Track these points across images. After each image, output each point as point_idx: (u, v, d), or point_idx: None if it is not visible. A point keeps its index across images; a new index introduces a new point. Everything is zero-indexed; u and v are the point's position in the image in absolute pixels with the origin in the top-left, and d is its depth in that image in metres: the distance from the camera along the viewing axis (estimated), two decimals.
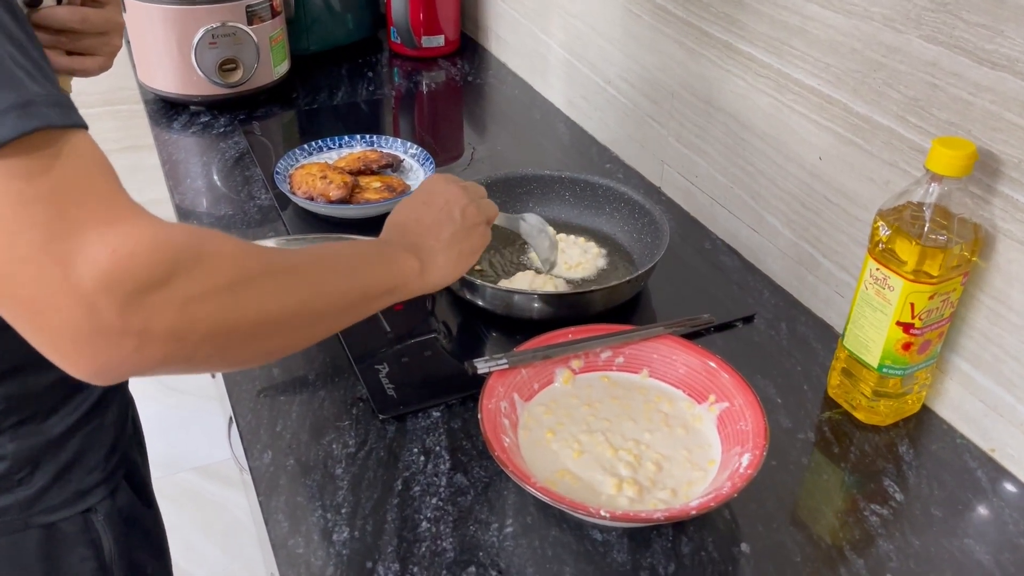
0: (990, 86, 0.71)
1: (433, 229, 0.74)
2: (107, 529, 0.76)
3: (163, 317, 0.47)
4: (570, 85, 1.40)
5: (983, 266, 0.75)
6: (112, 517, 0.77)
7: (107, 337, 0.46)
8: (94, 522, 0.75)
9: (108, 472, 0.77)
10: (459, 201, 0.76)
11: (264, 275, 0.54)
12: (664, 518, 0.64)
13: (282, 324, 0.56)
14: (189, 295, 0.48)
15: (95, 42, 0.76)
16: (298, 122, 1.40)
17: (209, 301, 0.50)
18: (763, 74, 0.96)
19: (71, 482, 0.73)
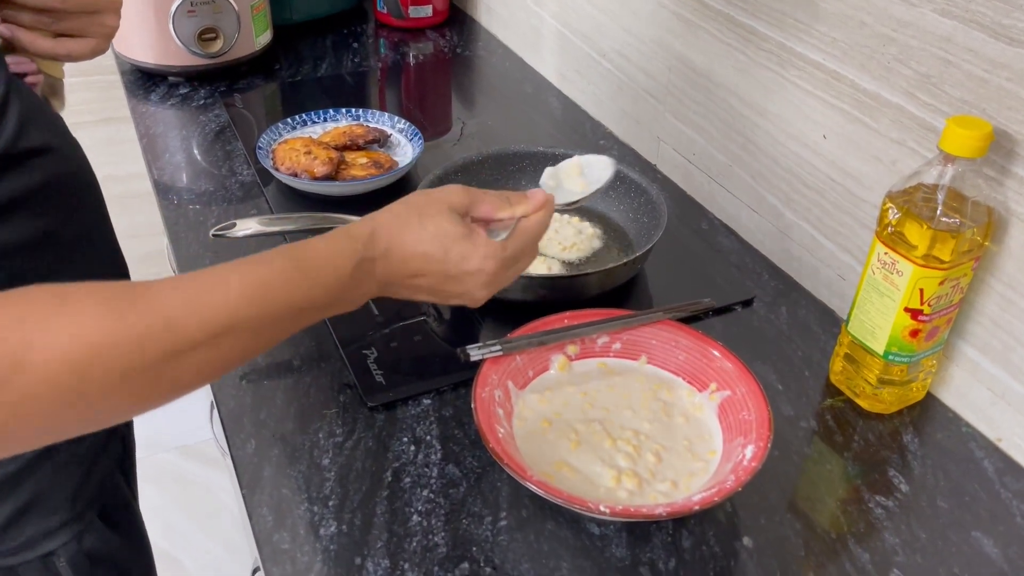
0: (1007, 63, 0.68)
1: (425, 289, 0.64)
2: (71, 573, 0.70)
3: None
4: (563, 58, 1.36)
5: (995, 250, 0.73)
6: (78, 562, 0.70)
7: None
8: (55, 567, 0.69)
9: (75, 513, 0.70)
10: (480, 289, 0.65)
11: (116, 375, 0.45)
12: (666, 514, 0.62)
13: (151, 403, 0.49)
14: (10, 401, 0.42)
15: (84, 22, 0.69)
16: (281, 95, 1.35)
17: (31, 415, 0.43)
18: (765, 48, 0.92)
19: (29, 524, 0.67)
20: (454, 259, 0.62)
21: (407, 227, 0.62)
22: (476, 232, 0.64)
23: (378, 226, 0.61)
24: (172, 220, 1.03)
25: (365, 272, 0.59)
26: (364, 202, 1.05)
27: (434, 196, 0.64)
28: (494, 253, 0.63)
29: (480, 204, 0.65)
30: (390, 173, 1.07)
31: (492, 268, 0.63)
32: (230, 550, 1.71)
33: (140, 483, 0.88)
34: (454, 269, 0.62)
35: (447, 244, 0.62)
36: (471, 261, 0.62)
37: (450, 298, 0.65)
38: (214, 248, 0.97)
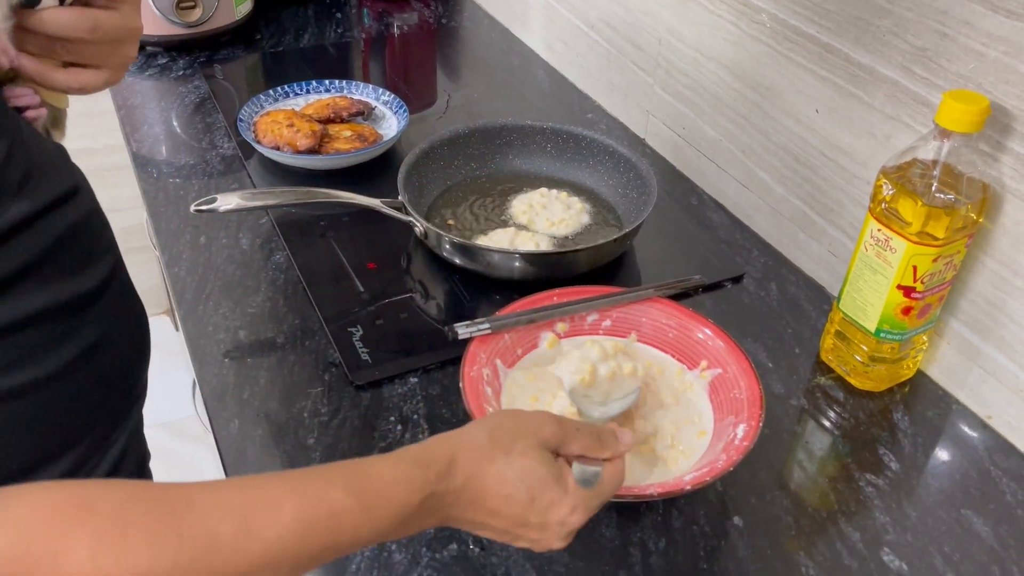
0: (1004, 36, 0.67)
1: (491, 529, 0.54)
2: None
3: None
4: (550, 29, 1.34)
5: (988, 227, 0.72)
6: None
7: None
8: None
9: None
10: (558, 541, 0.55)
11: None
12: (657, 494, 0.61)
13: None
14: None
15: (104, 52, 0.60)
16: (262, 66, 1.32)
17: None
18: (758, 20, 0.90)
19: None
20: (540, 507, 0.53)
21: (491, 462, 0.52)
22: (566, 477, 0.54)
23: (456, 456, 0.52)
24: (151, 194, 1.00)
25: (432, 507, 0.51)
26: (348, 176, 1.03)
27: (524, 427, 0.55)
28: (585, 503, 0.54)
29: (572, 442, 0.56)
30: (375, 146, 1.04)
31: (579, 520, 0.54)
32: None
33: None
34: (536, 518, 0.53)
35: (536, 488, 0.53)
36: (558, 511, 0.53)
37: (520, 540, 0.55)
38: (195, 223, 0.94)
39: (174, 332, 2.12)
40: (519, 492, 0.52)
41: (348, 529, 0.47)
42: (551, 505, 0.53)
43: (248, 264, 0.90)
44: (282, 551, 0.44)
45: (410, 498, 0.49)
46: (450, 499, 0.51)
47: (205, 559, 0.41)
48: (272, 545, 0.43)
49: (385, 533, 0.49)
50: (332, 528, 0.46)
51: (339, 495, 0.47)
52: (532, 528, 0.53)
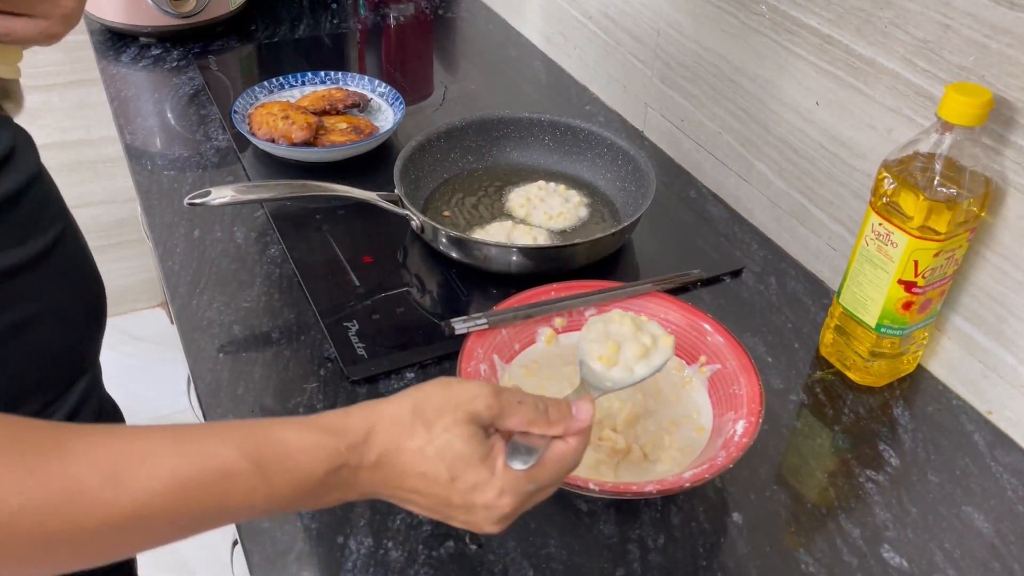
0: (1008, 27, 0.66)
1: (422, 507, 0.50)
2: None
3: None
4: (547, 20, 1.33)
5: (990, 221, 0.71)
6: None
7: None
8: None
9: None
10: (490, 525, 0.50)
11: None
12: (656, 491, 0.60)
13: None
14: None
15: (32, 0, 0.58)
16: (257, 57, 1.31)
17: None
18: (757, 11, 0.90)
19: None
20: (462, 488, 0.48)
21: (410, 437, 0.48)
22: (495, 455, 0.49)
23: (375, 427, 0.48)
24: (145, 187, 0.99)
25: (344, 480, 0.47)
26: (344, 169, 1.02)
27: (453, 399, 0.49)
28: (515, 487, 0.49)
29: (510, 416, 0.50)
30: (371, 139, 1.03)
31: (509, 505, 0.49)
32: None
33: None
34: (460, 499, 0.48)
35: (457, 467, 0.48)
36: (484, 494, 0.48)
37: (452, 520, 0.51)
38: (189, 216, 0.93)
39: (169, 325, 2.11)
40: (439, 471, 0.48)
41: (239, 494, 0.43)
42: (474, 488, 0.48)
43: (243, 258, 0.89)
44: (153, 508, 0.41)
45: (315, 469, 0.46)
46: (364, 475, 0.48)
47: (64, 507, 0.39)
48: (142, 500, 0.40)
49: (286, 503, 0.46)
50: (220, 491, 0.43)
51: (231, 456, 0.43)
52: (457, 510, 0.49)
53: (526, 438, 0.51)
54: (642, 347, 0.62)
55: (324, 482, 0.46)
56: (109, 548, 0.42)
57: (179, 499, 0.41)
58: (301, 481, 0.45)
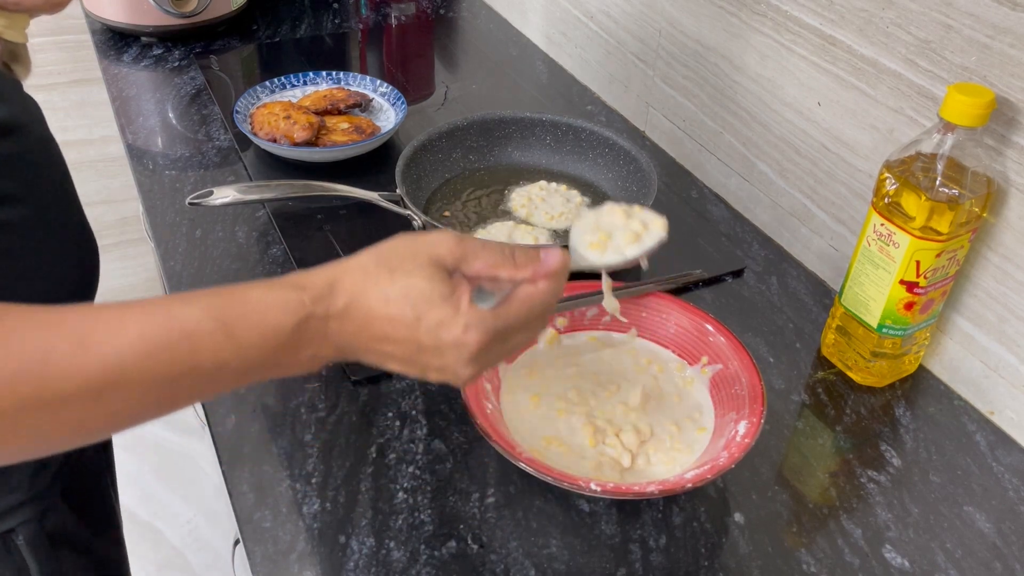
0: (1010, 28, 0.66)
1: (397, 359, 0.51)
2: (32, 555, 0.67)
3: None
4: (549, 20, 1.33)
5: (992, 222, 0.71)
6: (37, 541, 0.68)
7: None
8: (16, 545, 0.67)
9: (36, 492, 0.67)
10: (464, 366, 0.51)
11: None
12: (658, 491, 0.60)
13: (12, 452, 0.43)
14: None
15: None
16: (259, 57, 1.31)
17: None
18: (759, 11, 0.90)
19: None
20: (428, 326, 0.49)
21: (375, 282, 0.49)
22: (460, 294, 0.50)
23: (339, 278, 0.49)
24: (147, 187, 0.99)
25: (314, 332, 0.47)
26: (345, 168, 1.02)
27: (416, 247, 0.51)
28: (479, 322, 0.49)
29: (474, 259, 0.51)
30: (372, 139, 1.03)
31: (476, 341, 0.49)
32: (210, 519, 1.70)
33: (119, 452, 0.86)
34: (428, 339, 0.49)
35: (420, 307, 0.48)
36: (449, 330, 0.49)
37: (428, 371, 0.51)
38: (190, 215, 0.93)
39: None
40: (404, 311, 0.48)
41: (208, 351, 0.44)
42: (440, 325, 0.49)
43: (244, 258, 0.89)
44: (124, 370, 0.41)
45: (283, 321, 0.46)
46: (334, 325, 0.48)
47: (37, 372, 0.39)
48: (111, 362, 0.41)
49: (258, 361, 0.46)
50: (188, 350, 0.43)
51: (195, 315, 0.44)
52: (429, 353, 0.49)
53: (494, 284, 0.51)
54: (633, 234, 0.61)
55: (293, 336, 0.46)
56: (88, 417, 0.42)
57: (149, 360, 0.42)
58: (268, 336, 0.45)
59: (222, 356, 0.44)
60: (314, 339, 0.48)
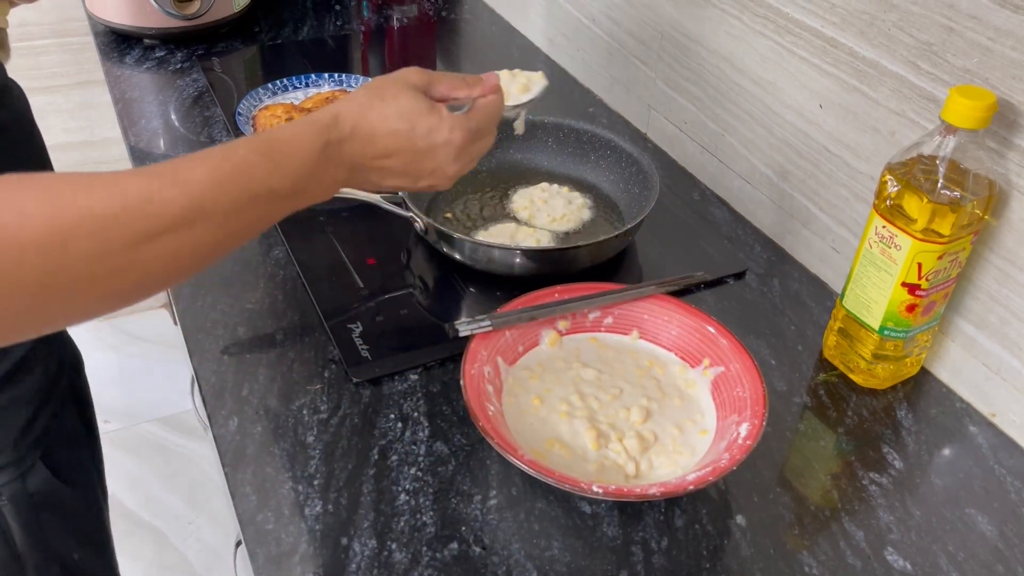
0: (1012, 30, 0.66)
1: (394, 177, 0.64)
2: (14, 514, 0.70)
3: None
4: (551, 22, 1.33)
5: (994, 224, 0.71)
6: (20, 502, 0.71)
7: None
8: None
9: (18, 455, 0.70)
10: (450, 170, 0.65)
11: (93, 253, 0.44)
12: (660, 493, 0.60)
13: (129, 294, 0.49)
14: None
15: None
16: (261, 59, 1.31)
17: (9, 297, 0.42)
18: (761, 14, 0.90)
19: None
20: (421, 132, 0.62)
21: (371, 108, 0.61)
22: (439, 106, 0.64)
23: (341, 110, 0.60)
24: None
25: (332, 155, 0.59)
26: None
27: (392, 78, 0.65)
28: (461, 124, 0.64)
29: (438, 84, 0.66)
30: None
31: (460, 138, 0.64)
32: (213, 521, 1.70)
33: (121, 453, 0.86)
34: (423, 142, 0.62)
35: (413, 118, 0.62)
36: (439, 132, 0.63)
37: (421, 177, 0.65)
38: None
39: (172, 326, 2.12)
40: (401, 124, 0.62)
41: (260, 179, 0.53)
42: (431, 130, 0.62)
43: (246, 260, 0.89)
44: (203, 199, 0.49)
45: (311, 148, 0.57)
46: (347, 147, 0.60)
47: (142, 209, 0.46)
48: (194, 194, 0.49)
49: (300, 182, 0.56)
50: (245, 179, 0.52)
51: (243, 152, 0.53)
52: (424, 155, 0.63)
53: (455, 103, 0.67)
54: (522, 86, 0.78)
55: (321, 158, 0.57)
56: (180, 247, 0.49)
57: (218, 191, 0.51)
58: (304, 160, 0.56)
59: (272, 181, 0.54)
60: (333, 160, 0.59)
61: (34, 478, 0.72)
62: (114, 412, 1.84)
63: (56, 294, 0.43)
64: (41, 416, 0.72)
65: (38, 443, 0.72)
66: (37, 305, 0.43)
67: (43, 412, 0.72)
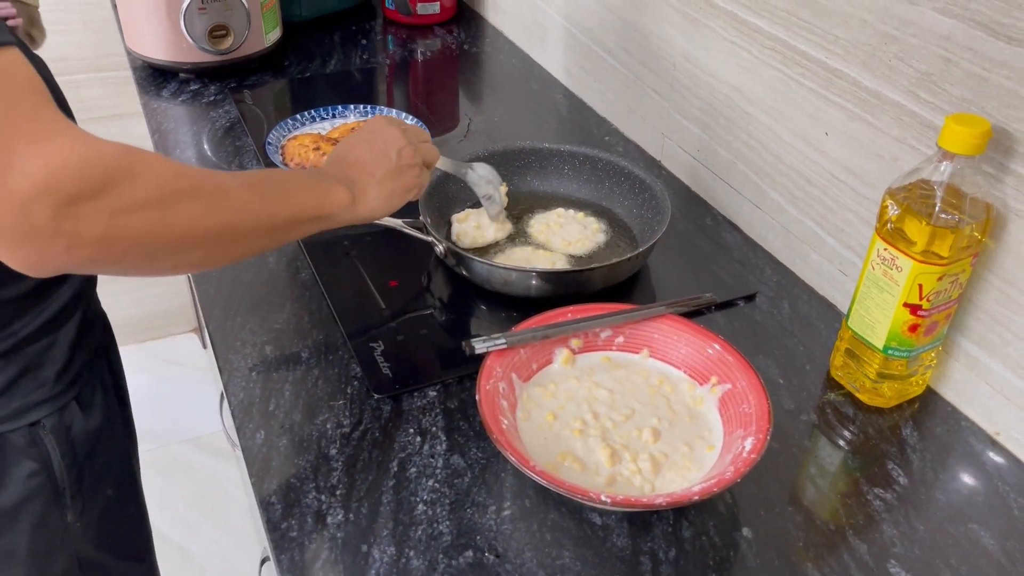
0: (1006, 61, 0.69)
1: (369, 166, 0.76)
2: (55, 444, 0.78)
3: (92, 225, 0.52)
4: (568, 54, 1.37)
5: (993, 246, 0.73)
6: (59, 433, 0.79)
7: (39, 238, 0.51)
8: (41, 436, 0.77)
9: (57, 391, 0.78)
10: (397, 142, 0.77)
11: (192, 194, 0.58)
12: (666, 503, 0.63)
13: (208, 240, 0.60)
14: (117, 207, 0.53)
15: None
16: (290, 91, 1.37)
17: (136, 214, 0.54)
18: (769, 46, 0.93)
19: (16, 396, 0.76)
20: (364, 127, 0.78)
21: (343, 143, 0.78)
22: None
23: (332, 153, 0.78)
24: None
25: (323, 176, 0.72)
26: None
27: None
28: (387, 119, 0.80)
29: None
30: None
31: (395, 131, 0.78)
32: (238, 541, 1.73)
33: (150, 473, 0.91)
34: (366, 132, 0.78)
35: (357, 132, 0.79)
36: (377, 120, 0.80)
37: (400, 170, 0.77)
38: None
39: (201, 350, 2.17)
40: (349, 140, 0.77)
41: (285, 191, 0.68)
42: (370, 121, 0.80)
43: (274, 282, 0.93)
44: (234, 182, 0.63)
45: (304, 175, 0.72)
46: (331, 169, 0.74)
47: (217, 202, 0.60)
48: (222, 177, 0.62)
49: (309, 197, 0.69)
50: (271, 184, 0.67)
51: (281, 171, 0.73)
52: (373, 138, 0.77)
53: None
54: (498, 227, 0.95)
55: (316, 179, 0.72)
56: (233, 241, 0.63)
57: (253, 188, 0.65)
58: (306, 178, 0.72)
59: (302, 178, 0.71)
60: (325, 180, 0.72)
61: (70, 412, 0.80)
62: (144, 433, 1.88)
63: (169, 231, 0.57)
64: (77, 357, 0.80)
65: (73, 384, 0.80)
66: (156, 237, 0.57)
67: (78, 354, 0.81)
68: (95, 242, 0.53)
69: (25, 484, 0.77)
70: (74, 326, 0.80)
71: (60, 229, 0.51)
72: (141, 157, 0.55)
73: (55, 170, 0.50)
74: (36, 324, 0.76)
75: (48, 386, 0.78)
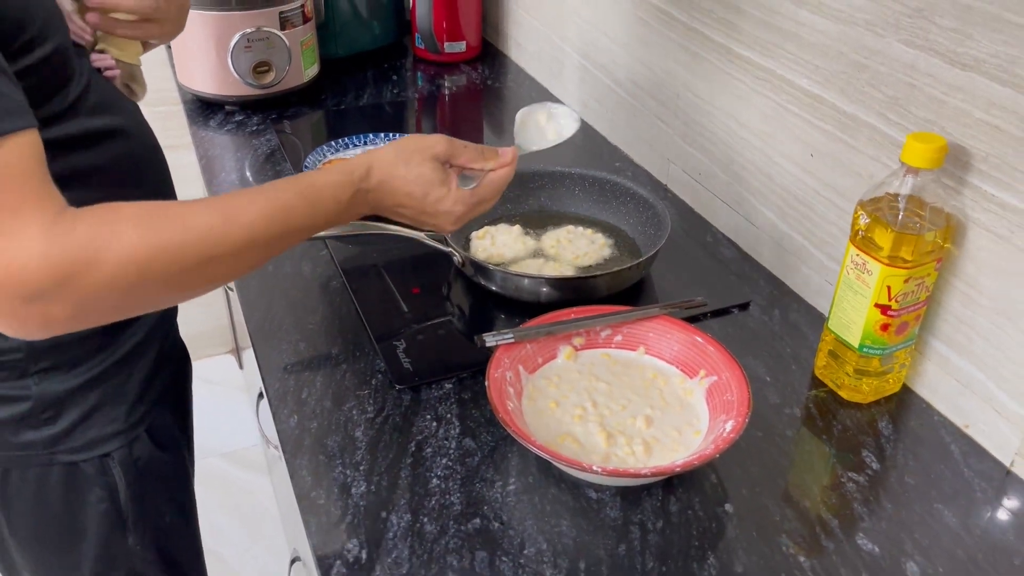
0: (961, 85, 0.77)
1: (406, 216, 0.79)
2: (122, 475, 0.84)
3: (60, 310, 0.55)
4: (583, 88, 1.47)
5: (955, 253, 0.81)
6: (127, 465, 0.84)
7: (14, 320, 0.55)
8: (110, 467, 0.83)
9: (129, 424, 0.84)
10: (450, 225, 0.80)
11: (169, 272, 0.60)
12: (650, 473, 0.70)
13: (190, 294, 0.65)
14: (81, 296, 0.56)
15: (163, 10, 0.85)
16: (326, 121, 1.48)
17: (102, 299, 0.57)
18: (761, 76, 1.02)
19: (91, 428, 0.82)
20: (431, 200, 0.77)
21: (396, 168, 0.76)
22: (451, 180, 0.79)
23: (374, 164, 0.75)
24: None
25: (359, 200, 0.74)
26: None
27: (421, 144, 0.78)
28: (463, 199, 0.79)
29: (459, 156, 0.80)
30: None
31: (460, 211, 0.79)
32: (270, 550, 1.81)
33: None
34: (430, 208, 0.78)
35: (426, 188, 0.77)
36: (444, 204, 0.78)
37: (424, 225, 0.80)
38: None
39: (238, 370, 2.27)
40: (416, 189, 0.76)
41: (299, 218, 0.68)
42: (438, 200, 0.77)
43: (308, 288, 1.02)
44: (254, 233, 0.64)
45: (342, 195, 0.72)
46: (372, 195, 0.75)
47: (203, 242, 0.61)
48: (247, 230, 0.64)
49: (330, 220, 0.72)
50: (287, 217, 0.67)
51: (287, 195, 0.68)
52: (428, 215, 0.78)
53: (471, 171, 0.81)
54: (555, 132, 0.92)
55: (349, 204, 0.73)
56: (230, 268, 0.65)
57: (266, 225, 0.65)
58: (335, 206, 0.72)
59: (307, 221, 0.70)
60: (358, 204, 0.74)
61: (140, 446, 0.86)
62: None
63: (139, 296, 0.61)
64: (148, 394, 0.86)
65: (145, 417, 0.86)
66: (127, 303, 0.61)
67: (151, 392, 0.86)
68: (67, 321, 0.56)
69: (93, 509, 0.84)
70: (149, 362, 0.86)
71: (30, 315, 0.54)
72: (110, 239, 0.56)
73: (17, 270, 0.53)
74: (112, 360, 0.81)
75: (120, 420, 0.83)
